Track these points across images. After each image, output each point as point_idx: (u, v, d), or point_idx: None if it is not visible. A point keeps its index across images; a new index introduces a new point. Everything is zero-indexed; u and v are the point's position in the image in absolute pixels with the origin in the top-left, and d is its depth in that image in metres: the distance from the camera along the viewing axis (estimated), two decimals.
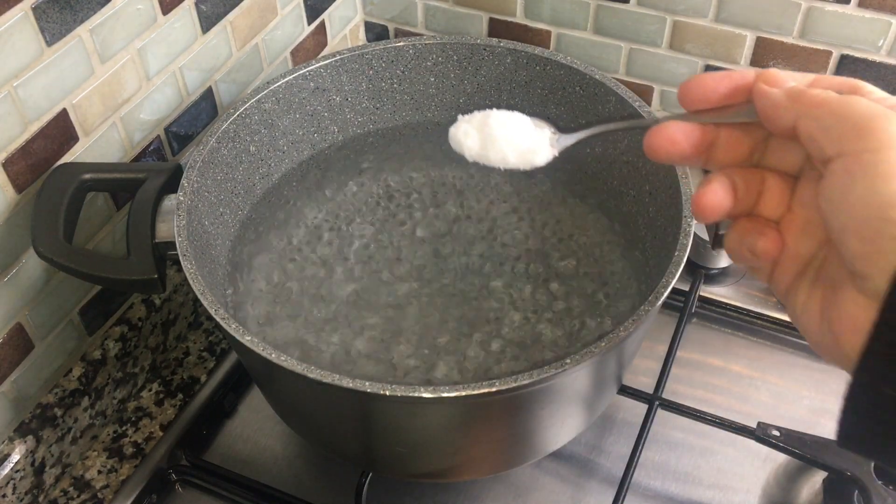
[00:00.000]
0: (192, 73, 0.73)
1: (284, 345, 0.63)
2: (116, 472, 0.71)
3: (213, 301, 0.55)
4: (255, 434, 0.73)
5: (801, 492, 0.69)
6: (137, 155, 0.70)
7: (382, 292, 0.67)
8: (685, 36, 0.84)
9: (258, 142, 0.70)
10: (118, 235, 0.70)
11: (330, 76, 0.73)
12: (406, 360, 0.62)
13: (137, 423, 0.74)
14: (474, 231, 0.71)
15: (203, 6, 0.71)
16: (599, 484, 0.69)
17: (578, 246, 0.69)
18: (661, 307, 0.55)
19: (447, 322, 0.64)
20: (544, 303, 0.65)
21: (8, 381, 0.64)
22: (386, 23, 0.97)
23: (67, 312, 0.68)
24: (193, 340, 0.81)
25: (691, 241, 0.57)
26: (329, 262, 0.69)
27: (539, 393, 0.54)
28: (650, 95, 0.89)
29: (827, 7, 0.77)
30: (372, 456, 0.64)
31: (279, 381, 0.59)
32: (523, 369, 0.56)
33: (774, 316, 0.79)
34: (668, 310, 0.78)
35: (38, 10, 0.57)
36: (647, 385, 0.71)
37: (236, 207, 0.69)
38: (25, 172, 0.60)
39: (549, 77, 0.72)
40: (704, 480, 0.69)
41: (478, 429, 0.58)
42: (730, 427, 0.68)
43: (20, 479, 0.66)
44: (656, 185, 0.65)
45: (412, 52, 0.74)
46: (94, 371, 0.70)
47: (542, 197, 0.73)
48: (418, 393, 0.50)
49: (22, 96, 0.58)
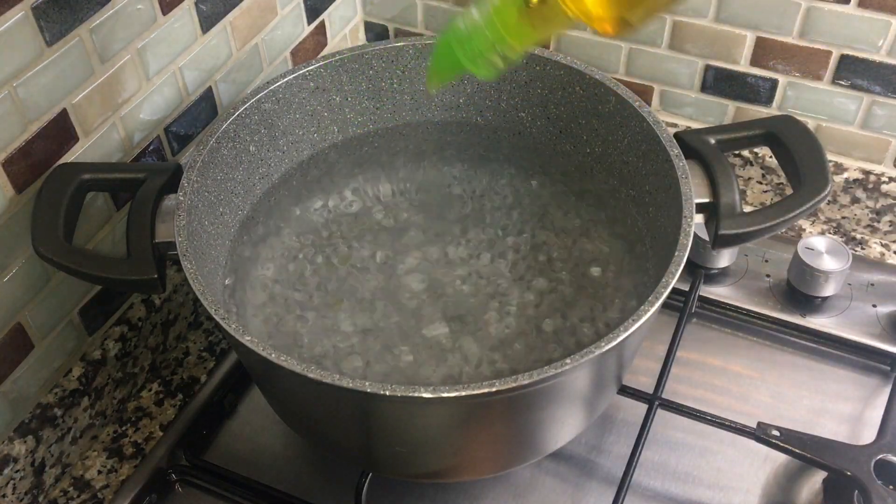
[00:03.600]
0: (192, 73, 0.73)
1: (284, 345, 0.63)
2: (116, 472, 0.71)
3: (213, 301, 0.55)
4: (255, 434, 0.73)
5: (801, 492, 0.69)
6: (137, 155, 0.70)
7: (383, 292, 0.67)
8: (685, 36, 0.84)
9: (258, 142, 0.70)
10: (118, 235, 0.70)
11: (330, 76, 0.73)
12: (406, 359, 0.62)
13: (137, 423, 0.74)
14: (474, 231, 0.71)
15: (203, 6, 0.71)
16: (599, 484, 0.69)
17: (578, 246, 0.69)
18: (661, 307, 0.55)
19: (448, 322, 0.64)
20: (544, 303, 0.65)
21: (8, 381, 0.64)
22: (386, 23, 0.97)
23: (67, 312, 0.68)
24: (193, 340, 0.81)
25: (691, 241, 0.57)
26: (329, 262, 0.69)
27: (539, 393, 0.54)
28: (650, 95, 0.89)
29: (827, 7, 0.77)
30: (372, 456, 0.64)
31: (279, 381, 0.59)
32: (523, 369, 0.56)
33: (774, 316, 0.79)
34: (668, 310, 0.78)
35: (38, 10, 0.57)
36: (647, 385, 0.71)
37: (236, 207, 0.69)
38: (25, 172, 0.60)
39: (549, 77, 0.72)
40: (704, 480, 0.69)
41: (478, 429, 0.58)
42: (730, 427, 0.68)
43: (20, 479, 0.66)
44: (656, 185, 0.65)
45: (412, 52, 0.74)
46: (94, 371, 0.70)
47: (541, 197, 0.73)
48: (418, 393, 0.50)
49: (22, 96, 0.58)
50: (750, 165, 0.88)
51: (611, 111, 0.69)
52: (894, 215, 0.86)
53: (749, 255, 0.84)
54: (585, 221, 0.71)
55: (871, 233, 0.88)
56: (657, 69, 0.87)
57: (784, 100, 0.84)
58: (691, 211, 0.59)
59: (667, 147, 0.63)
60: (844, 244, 0.79)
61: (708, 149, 0.64)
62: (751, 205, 0.90)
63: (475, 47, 0.52)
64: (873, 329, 0.78)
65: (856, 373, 0.76)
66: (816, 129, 0.85)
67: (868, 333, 0.77)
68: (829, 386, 0.75)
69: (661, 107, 0.90)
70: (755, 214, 0.60)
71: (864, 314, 0.79)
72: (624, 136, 0.69)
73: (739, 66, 0.84)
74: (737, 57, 0.83)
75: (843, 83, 0.81)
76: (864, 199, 0.86)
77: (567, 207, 0.72)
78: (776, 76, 0.83)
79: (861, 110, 0.82)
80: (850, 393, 0.74)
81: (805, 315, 0.79)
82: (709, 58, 0.84)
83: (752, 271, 0.83)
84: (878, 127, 0.82)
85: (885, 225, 0.87)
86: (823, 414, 0.73)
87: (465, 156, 0.76)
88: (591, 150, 0.73)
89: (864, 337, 0.77)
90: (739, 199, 0.61)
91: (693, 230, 0.58)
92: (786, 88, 0.83)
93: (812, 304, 0.80)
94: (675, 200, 0.61)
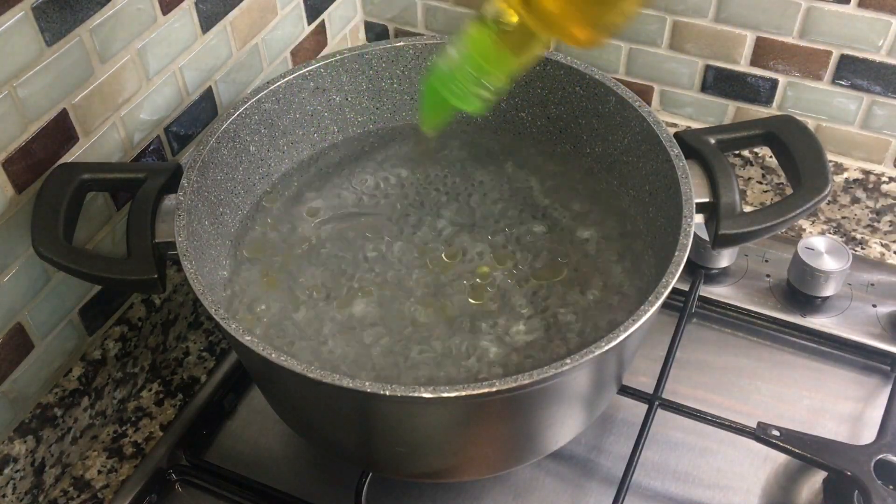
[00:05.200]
0: (192, 73, 0.73)
1: (285, 345, 0.63)
2: (116, 472, 0.71)
3: (213, 301, 0.55)
4: (255, 434, 0.73)
5: (801, 492, 0.69)
6: (137, 155, 0.70)
7: (383, 292, 0.66)
8: (685, 36, 0.84)
9: (258, 142, 0.70)
10: (118, 235, 0.70)
11: (330, 76, 0.73)
12: (406, 359, 0.62)
13: (137, 423, 0.74)
14: (473, 231, 0.71)
15: (203, 6, 0.71)
16: (599, 484, 0.69)
17: (578, 246, 0.69)
18: (661, 307, 0.55)
19: (447, 322, 0.64)
20: (544, 303, 0.65)
21: (8, 381, 0.64)
22: (386, 23, 0.97)
23: (67, 312, 0.68)
24: (193, 340, 0.81)
25: (691, 241, 0.57)
26: (330, 262, 0.68)
27: (539, 393, 0.54)
28: (650, 95, 0.89)
29: (827, 7, 0.77)
30: (372, 456, 0.64)
31: (279, 381, 0.59)
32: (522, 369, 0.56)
33: (774, 316, 0.79)
34: (668, 310, 0.78)
35: (38, 10, 0.57)
36: (647, 385, 0.71)
37: (236, 207, 0.69)
38: (25, 172, 0.60)
39: (549, 77, 0.72)
40: (704, 480, 0.69)
41: (478, 429, 0.58)
42: (730, 427, 0.68)
43: (20, 479, 0.66)
44: (656, 185, 0.65)
45: (412, 52, 0.74)
46: (94, 371, 0.70)
47: (540, 197, 0.73)
48: (418, 393, 0.50)
49: (22, 96, 0.58)
50: (750, 165, 0.88)
51: (611, 111, 0.69)
52: (894, 215, 0.86)
53: (749, 255, 0.84)
54: (585, 221, 0.71)
55: (871, 233, 0.88)
56: (657, 69, 0.87)
57: (784, 100, 0.84)
58: (691, 211, 0.59)
59: (667, 147, 0.63)
60: (844, 244, 0.79)
61: (708, 149, 0.64)
62: (751, 205, 0.90)
63: (459, 84, 0.52)
64: (873, 329, 0.78)
65: (856, 373, 0.76)
66: (816, 129, 0.85)
67: (868, 333, 0.77)
68: (829, 386, 0.75)
69: (661, 107, 0.90)
70: (755, 214, 0.60)
71: (864, 314, 0.79)
72: (624, 136, 0.69)
73: (739, 66, 0.84)
74: (737, 57, 0.83)
75: (843, 83, 0.81)
76: (864, 199, 0.86)
77: (567, 207, 0.72)
78: (776, 76, 0.83)
79: (861, 110, 0.82)
80: (850, 393, 0.74)
81: (805, 315, 0.79)
82: (709, 58, 0.84)
83: (752, 271, 0.83)
84: (878, 127, 0.82)
85: (885, 225, 0.87)
86: (823, 414, 0.73)
87: (464, 156, 0.76)
88: (591, 150, 0.73)
89: (864, 337, 0.77)
90: (739, 199, 0.61)
91: (693, 230, 0.58)
92: (786, 88, 0.83)
93: (812, 304, 0.80)
94: (675, 200, 0.61)
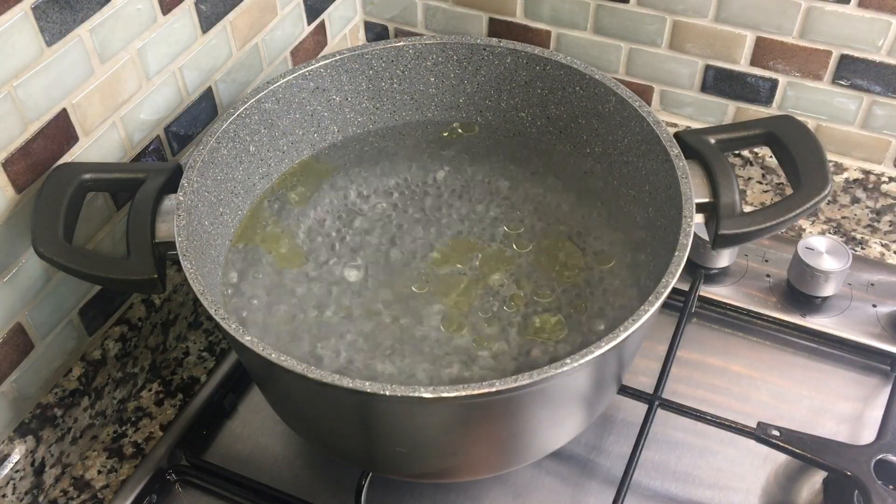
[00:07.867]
0: (192, 73, 0.73)
1: (284, 345, 0.63)
2: (116, 472, 0.71)
3: (213, 301, 0.55)
4: (255, 434, 0.73)
5: (801, 492, 0.69)
6: (137, 155, 0.70)
7: (384, 292, 0.67)
8: (685, 36, 0.84)
9: (258, 142, 0.70)
10: (118, 235, 0.70)
11: (330, 76, 0.73)
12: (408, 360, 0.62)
13: (137, 423, 0.75)
14: (473, 231, 0.71)
15: (203, 6, 0.71)
16: (599, 484, 0.69)
17: (578, 246, 0.69)
18: (661, 307, 0.55)
19: (448, 322, 0.64)
20: (543, 303, 0.65)
21: (8, 381, 0.64)
22: (386, 23, 0.97)
23: (67, 312, 0.68)
24: (193, 340, 0.81)
25: (691, 241, 0.57)
26: (330, 262, 0.68)
27: (539, 393, 0.54)
28: (650, 95, 0.89)
29: (827, 7, 0.77)
30: (372, 456, 0.64)
31: (279, 381, 0.59)
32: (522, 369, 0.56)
33: (774, 316, 0.79)
34: (668, 310, 0.78)
35: (38, 10, 0.57)
36: (647, 385, 0.71)
37: (236, 207, 0.69)
38: (25, 172, 0.60)
39: (549, 77, 0.72)
40: (704, 480, 0.69)
41: (478, 429, 0.58)
42: (730, 427, 0.68)
43: (20, 479, 0.66)
44: (656, 185, 0.65)
45: (412, 52, 0.74)
46: (94, 371, 0.70)
47: (540, 197, 0.73)
48: (418, 393, 0.50)
49: (22, 96, 0.58)
50: (750, 165, 0.88)
51: (611, 111, 0.69)
52: (894, 215, 0.86)
53: (749, 255, 0.84)
54: (585, 221, 0.71)
55: (871, 233, 0.88)
56: (657, 69, 0.87)
57: (784, 100, 0.84)
58: (691, 211, 0.59)
59: (667, 147, 0.63)
60: (844, 244, 0.79)
61: (708, 149, 0.64)
62: (751, 205, 0.90)
63: None
64: (873, 329, 0.78)
65: (856, 373, 0.76)
66: (816, 129, 0.85)
67: (868, 333, 0.77)
68: (829, 386, 0.75)
69: (661, 107, 0.90)
70: (755, 214, 0.60)
71: (864, 314, 0.79)
72: (624, 136, 0.69)
73: (739, 66, 0.84)
74: (737, 57, 0.83)
75: (843, 83, 0.81)
76: (864, 199, 0.86)
77: (567, 207, 0.72)
78: (776, 76, 0.83)
79: (861, 110, 0.82)
80: (850, 393, 0.74)
81: (805, 315, 0.79)
82: (709, 58, 0.84)
83: (752, 271, 0.83)
84: (878, 127, 0.82)
85: (885, 225, 0.87)
86: (823, 414, 0.73)
87: (464, 156, 0.76)
88: (591, 150, 0.73)
89: (864, 337, 0.77)
90: (739, 199, 0.61)
91: (693, 230, 0.58)
92: (786, 88, 0.83)
93: (812, 304, 0.80)
94: (675, 200, 0.61)
